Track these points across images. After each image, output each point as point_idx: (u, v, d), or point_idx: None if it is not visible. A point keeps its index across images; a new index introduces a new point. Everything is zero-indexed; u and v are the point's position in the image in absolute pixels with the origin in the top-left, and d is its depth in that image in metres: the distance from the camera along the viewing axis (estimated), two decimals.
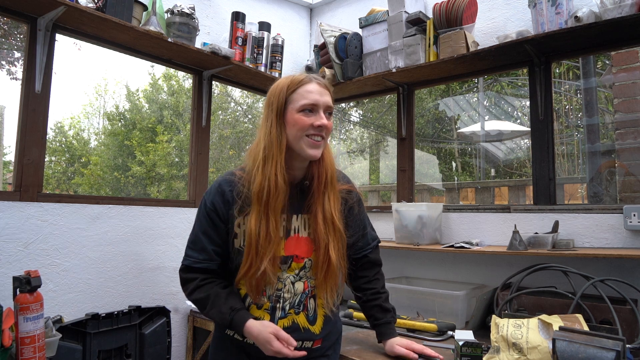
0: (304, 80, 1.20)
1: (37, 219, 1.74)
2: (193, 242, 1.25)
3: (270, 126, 1.19)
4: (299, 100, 1.17)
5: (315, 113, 1.18)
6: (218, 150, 9.26)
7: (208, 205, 1.22)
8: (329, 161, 1.26)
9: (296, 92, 1.18)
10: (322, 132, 1.18)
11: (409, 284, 2.22)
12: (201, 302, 1.21)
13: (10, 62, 6.76)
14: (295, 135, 1.17)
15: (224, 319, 1.17)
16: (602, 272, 1.70)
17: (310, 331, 1.25)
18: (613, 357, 0.98)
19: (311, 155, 1.18)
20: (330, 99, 1.21)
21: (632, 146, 2.55)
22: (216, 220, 1.21)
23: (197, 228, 1.25)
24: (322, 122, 1.17)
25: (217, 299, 1.19)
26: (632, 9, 1.64)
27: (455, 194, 5.99)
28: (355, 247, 1.40)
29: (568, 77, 6.16)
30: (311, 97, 1.17)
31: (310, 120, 1.17)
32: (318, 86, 1.20)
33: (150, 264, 2.09)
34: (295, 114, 1.17)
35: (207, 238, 1.22)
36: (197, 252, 1.23)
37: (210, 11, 2.49)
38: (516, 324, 1.25)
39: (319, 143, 1.19)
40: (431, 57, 2.15)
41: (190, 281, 1.23)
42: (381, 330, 1.43)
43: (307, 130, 1.17)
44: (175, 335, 2.14)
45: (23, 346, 1.28)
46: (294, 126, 1.17)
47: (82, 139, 11.48)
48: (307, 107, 1.17)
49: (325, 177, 1.23)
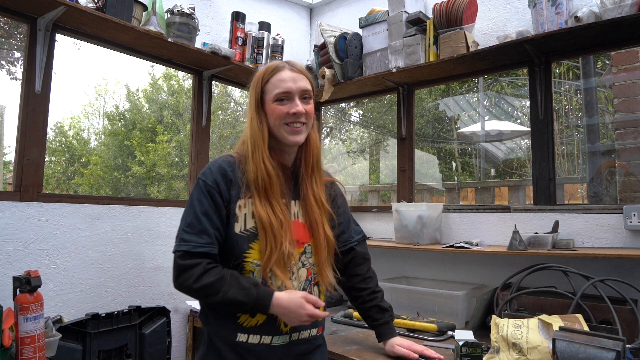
0: (276, 69, 1.21)
1: (37, 219, 1.74)
2: (190, 225, 1.13)
3: (251, 117, 1.21)
4: (272, 90, 1.19)
5: (290, 100, 1.19)
6: (218, 150, 9.25)
7: (209, 184, 1.15)
8: (315, 145, 1.27)
9: (269, 82, 1.20)
10: (300, 118, 1.19)
11: (409, 284, 2.22)
12: (213, 285, 1.09)
13: (10, 62, 6.77)
14: (274, 124, 1.19)
15: (248, 294, 1.09)
16: (602, 272, 1.70)
17: None
18: (613, 357, 0.98)
19: (292, 142, 1.20)
20: (306, 83, 1.21)
21: (632, 146, 2.55)
22: (218, 199, 1.15)
23: (197, 209, 1.14)
24: (296, 109, 1.18)
25: (233, 278, 1.11)
26: (632, 9, 1.64)
27: (455, 194, 5.99)
28: (341, 238, 1.39)
29: (568, 77, 6.16)
30: (283, 86, 1.18)
31: (285, 109, 1.18)
32: (291, 72, 1.20)
33: (150, 264, 2.09)
34: (271, 104, 1.19)
35: (208, 220, 1.13)
36: (196, 236, 1.12)
37: (210, 11, 2.49)
38: (516, 324, 1.25)
39: (299, 129, 1.20)
40: (431, 57, 2.15)
41: (193, 267, 1.10)
42: (380, 330, 1.43)
43: (284, 119, 1.18)
44: (175, 335, 2.14)
45: (23, 346, 1.28)
46: (272, 116, 1.19)
47: (82, 139, 11.48)
48: (281, 95, 1.18)
49: (311, 160, 1.26)
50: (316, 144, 1.28)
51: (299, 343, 1.22)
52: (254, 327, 1.16)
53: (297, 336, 1.22)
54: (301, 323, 1.14)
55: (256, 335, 1.16)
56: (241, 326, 1.16)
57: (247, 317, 1.16)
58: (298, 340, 1.22)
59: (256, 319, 1.17)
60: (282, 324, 1.18)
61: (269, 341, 1.17)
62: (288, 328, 1.19)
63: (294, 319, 1.13)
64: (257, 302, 1.11)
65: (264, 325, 1.16)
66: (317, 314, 1.14)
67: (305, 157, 1.26)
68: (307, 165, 1.26)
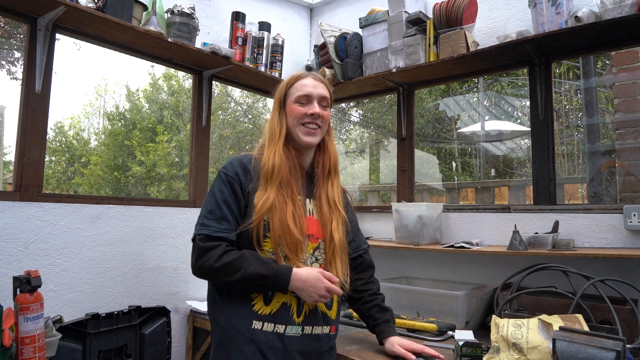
0: (300, 76, 1.36)
1: (37, 219, 1.74)
2: (210, 212, 1.22)
3: (273, 116, 1.35)
4: (294, 93, 1.32)
5: (309, 103, 1.31)
6: (218, 150, 9.26)
7: (230, 175, 1.25)
8: (332, 151, 1.39)
9: (293, 87, 1.34)
10: (317, 120, 1.31)
11: (409, 284, 2.22)
12: (234, 263, 1.15)
13: (10, 62, 6.77)
14: (292, 124, 1.31)
15: (269, 268, 1.16)
16: (602, 272, 1.70)
17: (328, 316, 1.30)
18: (613, 357, 0.98)
19: (306, 142, 1.30)
20: (324, 91, 1.34)
21: (632, 146, 2.55)
22: (237, 190, 1.24)
23: (218, 197, 1.22)
24: (314, 110, 1.30)
25: (252, 256, 1.18)
26: (632, 9, 1.64)
27: (455, 194, 5.99)
28: (352, 245, 1.46)
29: (568, 77, 6.16)
30: (305, 90, 1.32)
31: (304, 110, 1.30)
32: (313, 80, 1.34)
33: (150, 264, 2.09)
34: (292, 105, 1.32)
35: (228, 208, 1.22)
36: (216, 222, 1.20)
37: (210, 11, 2.49)
38: (516, 324, 1.25)
39: (314, 131, 1.31)
40: (431, 57, 2.15)
41: (213, 248, 1.17)
42: (381, 328, 1.44)
43: (302, 119, 1.30)
44: (175, 335, 2.14)
45: (23, 346, 1.28)
46: (291, 115, 1.31)
47: (82, 139, 11.49)
48: (302, 98, 1.31)
49: (329, 164, 1.37)
50: (333, 149, 1.40)
51: (312, 338, 1.25)
52: (269, 316, 1.20)
53: (310, 330, 1.24)
54: (320, 298, 1.19)
55: (270, 324, 1.20)
56: (256, 314, 1.20)
57: (261, 305, 1.20)
58: (311, 335, 1.25)
59: (270, 307, 1.21)
60: (295, 314, 1.22)
61: (282, 330, 1.20)
62: (301, 319, 1.23)
63: (312, 293, 1.18)
64: (277, 275, 1.17)
65: (278, 314, 1.21)
66: (334, 287, 1.21)
67: (323, 161, 1.37)
68: (324, 168, 1.36)
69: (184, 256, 2.21)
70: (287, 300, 1.22)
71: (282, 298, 1.22)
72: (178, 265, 2.19)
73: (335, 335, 1.36)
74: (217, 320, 1.24)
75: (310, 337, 1.25)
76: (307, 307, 1.25)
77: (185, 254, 2.22)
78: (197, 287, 2.26)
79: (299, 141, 1.31)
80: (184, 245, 2.21)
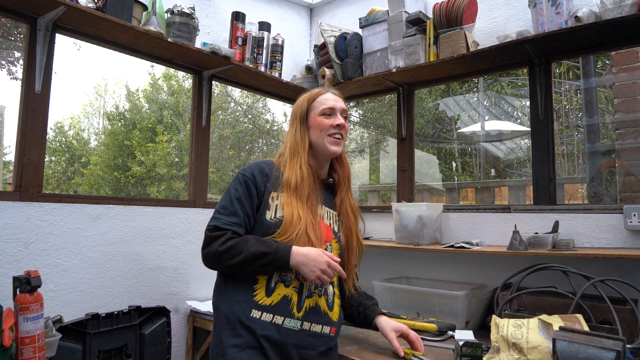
0: (321, 92, 1.46)
1: (37, 219, 1.73)
2: (223, 207, 1.30)
3: (295, 130, 1.43)
4: (319, 107, 1.42)
5: (333, 116, 1.42)
6: (218, 150, 9.26)
7: (247, 175, 1.33)
8: (347, 163, 1.52)
9: (316, 101, 1.44)
10: (341, 130, 1.41)
11: (409, 284, 2.22)
12: (237, 246, 1.23)
13: (10, 62, 6.76)
14: (319, 135, 1.40)
15: (270, 246, 1.23)
16: (602, 272, 1.70)
17: (329, 316, 1.33)
18: (613, 357, 0.98)
19: (333, 151, 1.40)
20: (344, 105, 1.46)
21: (632, 146, 2.55)
22: (252, 189, 1.32)
23: (232, 195, 1.31)
24: (339, 121, 1.41)
25: (253, 238, 1.26)
26: (632, 9, 1.63)
27: (455, 194, 5.99)
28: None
29: (568, 77, 6.16)
30: (329, 103, 1.42)
31: (330, 122, 1.40)
32: (334, 95, 1.45)
33: (150, 264, 2.09)
34: (317, 118, 1.41)
35: (240, 205, 1.30)
36: (227, 216, 1.28)
37: (210, 11, 2.49)
38: (516, 324, 1.25)
39: (339, 141, 1.42)
40: (431, 57, 2.15)
41: (219, 236, 1.25)
42: (372, 309, 1.50)
43: (328, 130, 1.40)
44: (175, 335, 2.14)
45: (23, 346, 1.28)
46: (317, 127, 1.40)
47: (82, 139, 11.49)
48: (327, 111, 1.41)
49: (346, 174, 1.49)
50: (347, 162, 1.52)
51: (310, 335, 1.27)
52: (269, 306, 1.24)
53: (308, 326, 1.27)
54: (321, 274, 1.22)
55: (269, 314, 1.24)
56: (257, 303, 1.24)
57: (263, 295, 1.25)
58: (309, 331, 1.27)
59: (271, 299, 1.25)
60: (295, 308, 1.25)
61: (280, 322, 1.24)
62: (301, 314, 1.26)
63: (314, 267, 1.22)
64: (277, 252, 1.23)
65: (278, 306, 1.24)
66: (335, 264, 1.25)
67: (343, 172, 1.49)
68: (344, 178, 1.48)
69: (184, 256, 2.21)
70: (288, 293, 1.26)
71: (283, 291, 1.26)
72: (178, 265, 2.19)
73: (335, 338, 1.37)
74: (219, 308, 1.30)
75: (309, 334, 1.27)
76: (308, 303, 1.28)
77: (185, 254, 2.22)
78: (197, 287, 2.27)
79: (325, 151, 1.40)
80: (183, 246, 2.21)
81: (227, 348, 1.22)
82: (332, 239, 1.41)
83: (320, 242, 1.32)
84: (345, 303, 1.51)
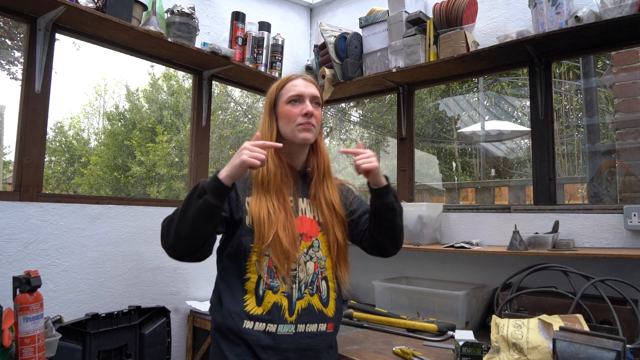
0: (290, 77, 1.35)
1: (37, 219, 1.73)
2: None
3: (264, 120, 1.34)
4: (286, 94, 1.31)
5: (301, 103, 1.30)
6: (218, 150, 9.26)
7: None
8: (325, 152, 1.39)
9: (284, 88, 1.33)
10: (310, 119, 1.29)
11: (409, 284, 2.22)
12: (174, 212, 1.18)
13: (10, 62, 6.76)
14: (287, 125, 1.30)
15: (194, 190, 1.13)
16: (602, 272, 1.70)
17: (324, 313, 1.28)
18: (613, 357, 0.98)
19: (303, 138, 1.29)
20: (315, 90, 1.34)
21: (632, 146, 2.55)
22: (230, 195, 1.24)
23: None
24: (307, 109, 1.28)
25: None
26: (632, 9, 1.63)
27: (455, 194, 5.99)
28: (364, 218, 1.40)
29: (568, 77, 6.16)
30: (297, 89, 1.31)
31: (297, 110, 1.29)
32: (303, 80, 1.34)
33: (150, 264, 2.09)
34: (284, 106, 1.31)
35: None
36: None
37: (210, 11, 2.48)
38: (516, 324, 1.25)
39: (310, 127, 1.29)
40: (431, 57, 2.15)
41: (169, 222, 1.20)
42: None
43: (296, 119, 1.29)
44: (175, 335, 2.14)
45: (23, 346, 1.28)
46: (285, 117, 1.30)
47: (82, 139, 11.50)
48: (293, 97, 1.30)
49: (323, 166, 1.36)
50: (326, 152, 1.40)
51: (306, 336, 1.25)
52: (260, 316, 1.21)
53: (303, 328, 1.24)
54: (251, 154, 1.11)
55: (261, 323, 1.21)
56: (248, 314, 1.21)
57: (253, 305, 1.22)
58: (305, 332, 1.24)
59: (262, 307, 1.21)
60: (287, 313, 1.22)
61: (274, 330, 1.21)
62: (294, 317, 1.22)
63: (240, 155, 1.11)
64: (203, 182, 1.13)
65: (270, 314, 1.21)
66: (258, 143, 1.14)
67: (318, 163, 1.36)
68: (320, 170, 1.36)
69: None
70: (278, 300, 1.23)
71: (273, 298, 1.22)
72: (178, 265, 2.19)
73: (334, 333, 1.34)
74: (214, 318, 1.29)
75: (305, 335, 1.25)
76: (300, 305, 1.24)
77: None
78: (197, 287, 2.26)
79: (294, 140, 1.29)
80: None
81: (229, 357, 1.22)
82: (319, 232, 1.32)
83: (295, 241, 1.24)
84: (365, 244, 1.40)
